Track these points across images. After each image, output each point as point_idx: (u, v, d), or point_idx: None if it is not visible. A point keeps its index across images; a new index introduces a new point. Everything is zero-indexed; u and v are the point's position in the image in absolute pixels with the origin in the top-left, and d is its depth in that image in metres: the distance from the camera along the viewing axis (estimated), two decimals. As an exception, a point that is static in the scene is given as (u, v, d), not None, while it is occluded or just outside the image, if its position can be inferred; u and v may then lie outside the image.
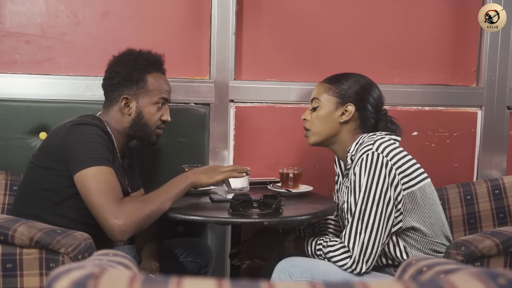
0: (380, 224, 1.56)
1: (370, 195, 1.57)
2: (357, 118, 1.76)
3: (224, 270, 2.26)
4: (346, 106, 1.75)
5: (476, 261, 1.48)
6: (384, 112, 1.81)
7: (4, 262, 1.37)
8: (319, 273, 1.61)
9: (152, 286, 0.61)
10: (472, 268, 0.71)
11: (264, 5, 2.29)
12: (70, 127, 1.62)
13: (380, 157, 1.59)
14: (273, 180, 2.15)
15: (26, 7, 2.16)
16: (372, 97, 1.78)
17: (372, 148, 1.62)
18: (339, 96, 1.77)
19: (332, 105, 1.77)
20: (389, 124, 1.80)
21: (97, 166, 1.56)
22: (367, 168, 1.59)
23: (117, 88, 1.78)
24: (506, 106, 2.37)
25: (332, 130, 1.78)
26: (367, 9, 2.34)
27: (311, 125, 1.80)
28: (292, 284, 0.66)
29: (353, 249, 1.56)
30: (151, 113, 1.79)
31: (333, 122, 1.77)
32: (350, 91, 1.76)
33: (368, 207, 1.57)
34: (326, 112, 1.77)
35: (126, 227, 1.50)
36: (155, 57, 1.84)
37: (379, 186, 1.57)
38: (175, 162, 2.12)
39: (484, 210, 2.12)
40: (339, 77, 1.81)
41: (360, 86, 1.78)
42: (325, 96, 1.78)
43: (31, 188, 1.69)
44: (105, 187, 1.53)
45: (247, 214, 1.61)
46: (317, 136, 1.80)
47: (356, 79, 1.79)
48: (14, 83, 2.16)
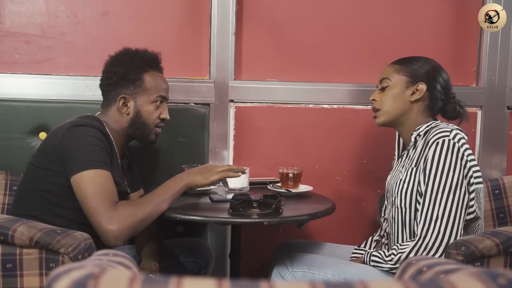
0: (458, 213, 1.55)
1: (447, 182, 1.55)
2: (427, 98, 1.74)
3: (224, 270, 2.26)
4: (417, 85, 1.73)
5: (476, 261, 1.47)
6: (453, 95, 1.79)
7: (4, 262, 1.37)
8: (314, 265, 1.61)
9: (152, 286, 0.61)
10: (472, 268, 0.71)
11: (264, 5, 2.29)
12: (69, 128, 1.62)
13: (456, 146, 1.58)
14: (273, 180, 2.15)
15: (26, 7, 2.17)
16: (442, 78, 1.76)
17: (450, 136, 1.60)
18: (410, 76, 1.74)
19: (403, 84, 1.74)
20: (458, 107, 1.77)
21: (94, 169, 1.56)
22: (442, 155, 1.57)
23: (115, 88, 1.77)
24: (506, 106, 2.37)
25: (402, 109, 1.75)
26: (366, 9, 2.34)
27: (381, 105, 1.77)
28: (292, 284, 0.66)
29: (426, 237, 1.54)
30: (150, 112, 1.79)
31: (404, 101, 1.74)
32: (421, 71, 1.74)
33: (444, 194, 1.55)
34: (397, 91, 1.75)
35: (119, 232, 1.51)
36: (151, 55, 1.84)
37: (455, 175, 1.55)
38: (175, 162, 2.12)
39: (484, 210, 2.11)
40: (409, 58, 1.79)
41: (431, 66, 1.76)
42: (396, 76, 1.76)
43: (29, 189, 1.69)
44: (101, 191, 1.54)
45: (247, 214, 1.61)
46: (387, 115, 1.76)
47: (425, 60, 1.78)
48: (14, 83, 2.16)
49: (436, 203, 1.55)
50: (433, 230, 1.54)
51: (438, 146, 1.58)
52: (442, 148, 1.58)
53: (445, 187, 1.55)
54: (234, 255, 1.90)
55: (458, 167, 1.56)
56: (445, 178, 1.56)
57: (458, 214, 1.55)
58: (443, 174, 1.56)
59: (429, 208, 1.56)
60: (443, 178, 1.56)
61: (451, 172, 1.56)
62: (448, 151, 1.57)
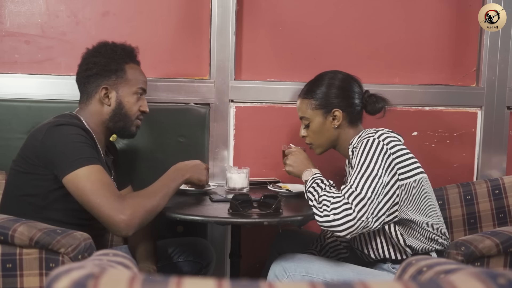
0: (377, 190, 1.57)
1: (365, 173, 1.58)
2: (346, 114, 1.79)
3: (224, 270, 2.26)
4: (333, 112, 1.78)
5: (476, 261, 1.48)
6: (367, 94, 1.83)
7: (4, 262, 1.37)
8: (312, 268, 1.62)
9: (152, 286, 0.61)
10: (472, 268, 0.71)
11: (264, 5, 2.29)
12: (49, 129, 1.58)
13: (380, 144, 1.63)
14: (273, 180, 2.15)
15: (26, 7, 2.17)
16: (353, 91, 1.81)
17: (374, 136, 1.65)
18: (322, 107, 1.79)
19: (320, 117, 1.80)
20: (377, 104, 1.82)
21: (86, 166, 1.53)
22: (365, 151, 1.62)
23: (95, 79, 1.74)
24: (506, 106, 2.37)
25: (331, 137, 1.81)
26: (367, 9, 2.34)
27: (311, 140, 1.85)
28: (292, 284, 0.66)
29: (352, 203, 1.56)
30: (131, 103, 1.77)
31: (328, 130, 1.80)
32: (330, 98, 1.79)
33: (363, 179, 1.58)
34: (318, 125, 1.81)
35: (131, 221, 1.49)
36: (130, 48, 1.83)
37: (375, 169, 1.59)
38: (175, 162, 2.11)
39: (484, 210, 2.12)
40: (312, 86, 1.83)
41: (337, 88, 1.80)
42: (310, 112, 1.81)
43: (15, 195, 1.64)
44: (101, 186, 1.52)
45: (247, 214, 1.61)
46: (321, 147, 1.85)
47: (328, 82, 1.81)
48: (14, 83, 2.16)
49: (358, 186, 1.57)
50: (355, 198, 1.55)
51: (362, 145, 1.64)
52: (366, 145, 1.63)
53: (363, 176, 1.58)
54: (234, 255, 1.90)
55: (378, 162, 1.59)
56: (365, 167, 1.59)
57: (378, 192, 1.57)
58: (362, 167, 1.59)
59: (351, 187, 1.57)
60: (363, 167, 1.59)
61: (371, 166, 1.59)
62: (371, 146, 1.62)
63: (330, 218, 1.53)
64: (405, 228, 1.66)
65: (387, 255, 1.70)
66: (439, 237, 1.69)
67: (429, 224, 1.67)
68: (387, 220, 1.63)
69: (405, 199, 1.64)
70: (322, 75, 1.85)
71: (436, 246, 1.69)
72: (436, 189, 2.07)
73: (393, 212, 1.63)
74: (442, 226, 1.72)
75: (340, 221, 1.52)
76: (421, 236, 1.67)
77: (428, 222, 1.67)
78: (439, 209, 1.77)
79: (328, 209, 1.55)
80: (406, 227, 1.66)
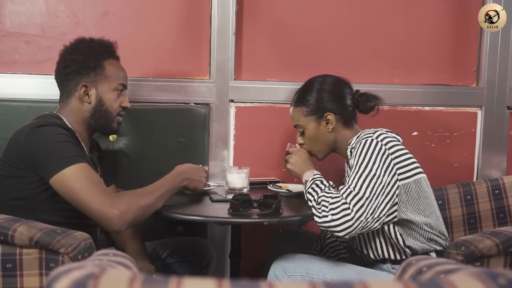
0: (375, 190, 1.57)
1: (364, 173, 1.58)
2: (340, 117, 1.79)
3: (224, 270, 2.26)
4: (325, 116, 1.78)
5: (476, 261, 1.48)
6: (358, 94, 1.84)
7: (4, 262, 1.37)
8: (313, 268, 1.62)
9: (152, 286, 0.61)
10: (472, 268, 0.71)
11: (264, 5, 2.29)
12: (31, 131, 1.56)
13: (379, 144, 1.62)
14: (273, 180, 2.15)
15: (26, 7, 2.16)
16: (343, 93, 1.82)
17: (372, 136, 1.65)
18: (314, 113, 1.80)
19: (313, 123, 1.80)
20: (368, 102, 1.83)
21: (72, 165, 1.51)
22: (363, 152, 1.62)
23: (74, 77, 1.72)
24: (506, 106, 2.37)
25: (328, 141, 1.82)
26: (367, 9, 2.34)
27: (309, 147, 1.85)
28: (292, 284, 0.66)
29: (350, 203, 1.55)
30: (112, 100, 1.75)
31: (324, 135, 1.81)
32: (321, 103, 1.79)
33: (361, 179, 1.57)
34: (313, 131, 1.81)
35: (124, 216, 1.49)
36: (108, 43, 1.81)
37: (373, 169, 1.59)
38: (175, 162, 2.11)
39: (484, 210, 2.12)
40: (302, 93, 1.84)
41: (327, 92, 1.81)
42: (303, 119, 1.82)
43: (1, 199, 1.62)
44: (89, 183, 1.51)
45: (247, 214, 1.61)
46: (321, 152, 1.85)
47: (318, 87, 1.82)
48: (14, 83, 2.16)
49: (356, 186, 1.56)
50: (354, 198, 1.55)
51: (361, 145, 1.64)
52: (365, 145, 1.63)
53: (361, 176, 1.58)
54: (234, 255, 1.90)
55: (377, 162, 1.59)
56: (363, 168, 1.59)
57: (378, 194, 1.57)
58: (362, 165, 1.59)
59: (349, 187, 1.57)
60: (362, 168, 1.59)
61: (369, 167, 1.59)
62: (370, 147, 1.62)
63: (329, 219, 1.54)
64: (404, 228, 1.66)
65: (387, 255, 1.70)
66: (439, 237, 1.69)
67: (428, 224, 1.67)
68: (387, 220, 1.63)
69: (404, 199, 1.64)
70: (311, 81, 1.85)
71: (435, 246, 1.69)
72: (436, 189, 2.07)
73: (392, 213, 1.63)
74: (441, 226, 1.72)
75: (339, 221, 1.53)
76: (420, 236, 1.67)
77: (427, 222, 1.67)
78: (439, 209, 1.77)
79: (326, 209, 1.55)
80: (405, 228, 1.66)
